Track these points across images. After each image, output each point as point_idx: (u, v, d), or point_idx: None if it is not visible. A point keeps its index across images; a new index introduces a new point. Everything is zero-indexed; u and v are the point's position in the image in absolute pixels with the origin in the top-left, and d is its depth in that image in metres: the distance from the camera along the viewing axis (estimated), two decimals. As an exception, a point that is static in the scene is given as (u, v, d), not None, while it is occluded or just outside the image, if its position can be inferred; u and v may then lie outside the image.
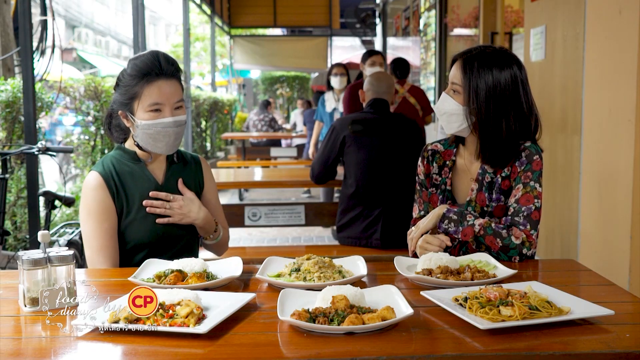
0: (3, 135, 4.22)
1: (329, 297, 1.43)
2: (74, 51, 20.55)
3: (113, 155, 2.16)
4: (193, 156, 2.32)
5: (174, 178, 2.20)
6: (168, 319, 1.37)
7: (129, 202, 2.10)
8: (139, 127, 2.04)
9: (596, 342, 1.29)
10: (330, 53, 16.16)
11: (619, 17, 3.29)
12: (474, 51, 2.02)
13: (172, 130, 2.05)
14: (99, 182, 2.07)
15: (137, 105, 2.03)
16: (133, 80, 2.03)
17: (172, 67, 2.07)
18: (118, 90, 2.08)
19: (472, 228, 1.95)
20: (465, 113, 2.00)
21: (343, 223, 3.67)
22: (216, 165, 10.08)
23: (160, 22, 31.56)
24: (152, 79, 2.02)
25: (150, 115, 2.03)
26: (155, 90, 2.02)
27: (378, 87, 3.72)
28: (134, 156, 2.14)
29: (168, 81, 2.05)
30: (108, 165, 2.12)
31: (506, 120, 1.98)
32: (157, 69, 2.03)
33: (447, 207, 2.01)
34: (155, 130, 2.03)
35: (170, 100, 2.04)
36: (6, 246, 3.86)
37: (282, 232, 6.72)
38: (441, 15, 8.19)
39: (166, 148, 2.08)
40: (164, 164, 2.20)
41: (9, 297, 1.64)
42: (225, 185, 5.62)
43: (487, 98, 1.97)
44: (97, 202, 2.05)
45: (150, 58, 2.04)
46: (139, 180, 2.13)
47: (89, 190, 2.07)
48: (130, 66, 2.05)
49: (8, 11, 4.76)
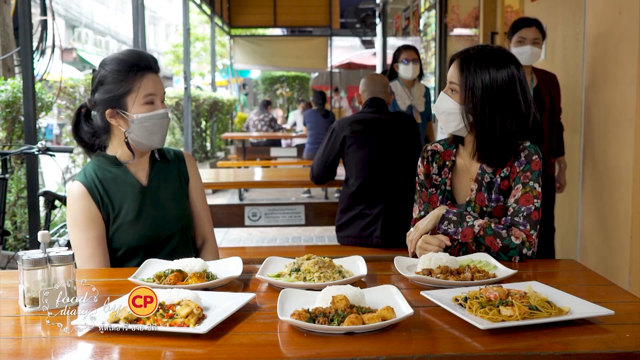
0: (3, 135, 4.22)
1: (329, 297, 1.43)
2: (74, 51, 20.56)
3: (94, 162, 2.13)
4: (176, 152, 2.29)
5: (158, 178, 2.18)
6: (168, 319, 1.37)
7: (114, 208, 2.08)
8: (135, 121, 2.03)
9: (596, 342, 1.29)
10: (330, 53, 16.16)
11: (619, 17, 3.29)
12: (471, 50, 2.03)
13: (166, 121, 2.09)
14: (82, 191, 2.05)
15: (131, 99, 2.03)
16: (123, 76, 2.02)
17: (155, 62, 2.11)
18: (102, 89, 2.05)
19: (472, 229, 1.95)
20: (462, 112, 2.01)
21: (343, 222, 3.67)
22: (216, 165, 10.09)
23: (160, 22, 31.55)
24: (144, 72, 2.05)
25: (146, 107, 2.04)
26: (149, 82, 2.05)
27: (373, 87, 3.75)
28: (114, 161, 2.12)
29: (155, 75, 2.09)
30: (90, 173, 2.09)
31: (502, 119, 1.98)
32: (145, 62, 2.06)
33: (446, 208, 2.01)
34: (152, 122, 2.04)
35: (160, 92, 2.08)
36: (6, 246, 3.86)
37: (282, 232, 6.72)
38: (441, 15, 8.18)
39: (160, 140, 2.10)
40: (147, 164, 2.18)
41: (9, 297, 1.64)
42: (225, 185, 5.63)
43: (484, 97, 1.97)
44: (82, 211, 2.04)
45: (133, 54, 2.08)
46: (122, 185, 2.11)
47: (73, 201, 2.06)
48: (113, 63, 2.04)
49: (8, 11, 4.76)
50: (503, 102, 1.98)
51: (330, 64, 16.66)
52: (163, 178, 2.19)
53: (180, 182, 2.24)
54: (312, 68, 17.59)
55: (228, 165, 9.54)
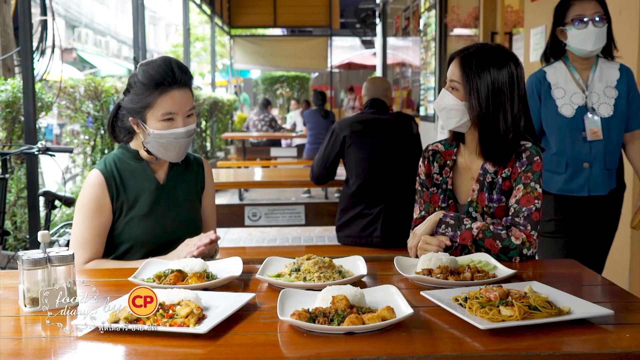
0: (3, 135, 4.22)
1: (329, 297, 1.43)
2: (74, 51, 20.55)
3: (115, 154, 2.16)
4: (196, 157, 2.32)
5: (176, 179, 2.20)
6: (168, 319, 1.37)
7: (129, 200, 2.10)
8: (151, 135, 2.04)
9: (596, 342, 1.29)
10: (330, 53, 16.17)
11: (619, 17, 3.29)
12: (471, 49, 2.04)
13: (184, 140, 2.05)
14: (99, 180, 2.08)
15: (149, 114, 2.03)
16: (146, 90, 2.01)
17: (185, 75, 2.05)
18: (129, 96, 2.06)
19: (470, 232, 1.96)
20: (465, 108, 2.02)
21: (343, 222, 3.68)
22: (216, 165, 10.08)
23: (160, 22, 31.56)
24: (165, 89, 2.01)
25: (163, 124, 2.02)
26: (168, 100, 2.01)
27: (374, 90, 3.77)
28: (136, 155, 2.15)
29: (181, 90, 2.03)
30: (110, 163, 2.12)
31: (504, 116, 2.00)
32: (170, 78, 2.01)
33: (443, 213, 2.02)
34: (167, 140, 2.04)
35: (182, 109, 2.04)
36: (6, 246, 3.86)
37: (282, 232, 6.72)
38: (441, 15, 8.19)
39: (177, 157, 2.10)
40: (166, 164, 2.20)
41: (9, 297, 1.64)
42: (225, 185, 5.63)
43: (487, 95, 1.99)
44: (92, 199, 2.06)
45: (163, 67, 2.02)
46: (140, 179, 2.13)
47: (88, 187, 2.08)
48: (142, 73, 2.03)
49: (8, 11, 4.76)
50: (504, 99, 1.99)
51: (330, 64, 16.67)
52: (180, 180, 2.21)
53: (195, 187, 2.26)
54: (312, 68, 17.61)
55: (228, 165, 9.54)
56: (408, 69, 11.21)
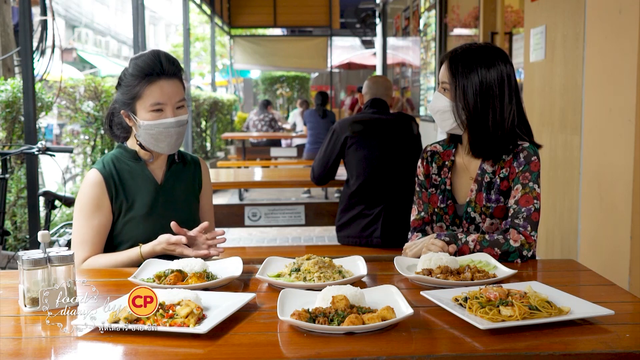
0: (3, 135, 4.23)
1: (329, 297, 1.43)
2: (74, 51, 20.56)
3: (114, 154, 2.17)
4: (193, 157, 2.32)
5: (173, 178, 2.21)
6: (168, 319, 1.37)
7: (128, 200, 2.11)
8: (141, 127, 2.05)
9: (596, 342, 1.29)
10: (330, 53, 16.17)
11: (619, 17, 3.29)
12: (459, 50, 2.05)
13: (174, 130, 2.06)
14: (98, 180, 2.08)
15: (138, 105, 2.04)
16: (135, 80, 2.03)
17: (174, 66, 2.07)
18: (120, 89, 2.09)
19: (467, 245, 1.96)
20: (453, 110, 2.02)
21: (343, 222, 3.67)
22: (216, 165, 10.09)
23: (160, 22, 31.55)
24: (153, 79, 2.03)
25: (152, 115, 2.03)
26: (156, 90, 2.03)
27: (376, 89, 3.76)
28: (134, 155, 2.15)
29: (169, 81, 2.05)
30: (108, 163, 2.13)
31: (493, 114, 2.01)
32: (158, 68, 2.03)
33: (437, 234, 2.01)
34: (157, 131, 2.04)
35: (172, 100, 2.05)
36: (6, 246, 3.86)
37: (282, 232, 6.73)
38: (441, 15, 8.18)
39: (168, 148, 2.10)
40: (164, 163, 2.21)
41: (9, 297, 1.64)
42: (225, 185, 5.63)
43: (474, 95, 2.00)
44: (91, 198, 2.07)
45: (151, 57, 2.05)
46: (138, 179, 2.14)
47: (87, 186, 2.09)
48: (132, 66, 2.06)
49: (8, 11, 4.76)
50: (493, 98, 2.00)
51: (330, 64, 16.67)
52: (178, 179, 2.22)
53: (193, 186, 2.27)
54: (312, 68, 17.59)
55: (228, 165, 9.54)
56: (408, 69, 11.21)
